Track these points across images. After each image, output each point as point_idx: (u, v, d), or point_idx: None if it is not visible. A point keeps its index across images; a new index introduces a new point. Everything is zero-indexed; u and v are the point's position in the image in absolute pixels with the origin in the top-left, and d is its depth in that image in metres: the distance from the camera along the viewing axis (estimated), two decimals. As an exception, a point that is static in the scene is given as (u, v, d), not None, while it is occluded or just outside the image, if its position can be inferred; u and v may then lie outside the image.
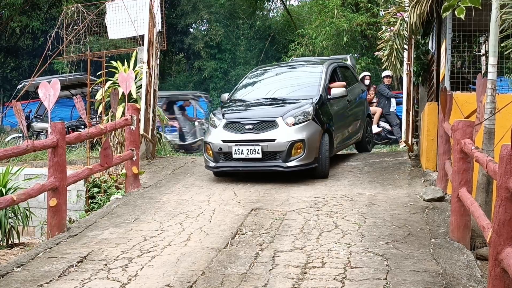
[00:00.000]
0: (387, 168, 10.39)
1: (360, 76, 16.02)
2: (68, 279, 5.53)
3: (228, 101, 10.46)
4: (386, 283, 5.11)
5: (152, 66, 11.25)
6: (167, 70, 25.85)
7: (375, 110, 15.24)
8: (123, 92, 9.90)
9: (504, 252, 4.10)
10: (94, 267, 5.84)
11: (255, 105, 9.94)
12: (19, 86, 16.81)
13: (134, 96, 11.13)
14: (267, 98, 10.06)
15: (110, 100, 8.81)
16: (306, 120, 9.16)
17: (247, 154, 8.97)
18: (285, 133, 8.99)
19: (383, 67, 9.95)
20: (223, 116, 9.56)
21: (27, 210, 8.38)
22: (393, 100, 15.40)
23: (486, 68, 7.10)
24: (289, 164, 8.96)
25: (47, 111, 17.40)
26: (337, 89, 10.16)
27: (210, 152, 9.35)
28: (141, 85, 11.21)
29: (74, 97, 7.99)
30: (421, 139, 10.30)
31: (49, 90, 7.50)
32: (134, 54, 11.77)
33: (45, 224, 8.10)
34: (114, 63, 11.58)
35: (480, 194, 6.90)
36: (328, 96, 10.02)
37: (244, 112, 9.73)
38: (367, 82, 15.72)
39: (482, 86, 6.31)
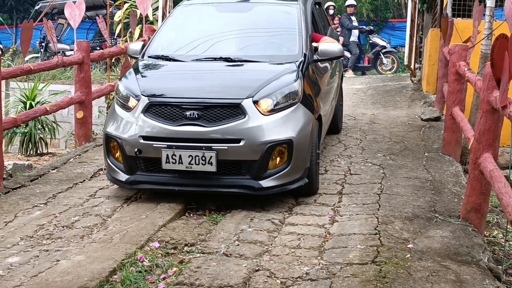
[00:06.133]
0: (390, 91, 10.98)
1: (325, 6, 16.43)
2: (99, 179, 6.23)
3: (146, 57, 6.18)
4: (380, 186, 5.80)
5: (168, -12, 11.66)
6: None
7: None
8: (140, 14, 10.39)
9: (482, 157, 4.73)
10: (121, 171, 6.53)
11: (197, 70, 5.94)
12: (37, 7, 17.24)
13: (151, 18, 11.62)
14: (216, 58, 5.95)
15: (130, 21, 9.32)
16: (292, 103, 5.36)
17: (189, 164, 5.11)
18: (258, 128, 5.15)
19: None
20: (141, 89, 5.45)
21: (54, 122, 9.06)
22: (355, 31, 15.92)
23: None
24: (264, 183, 5.16)
25: (63, 32, 18.00)
26: (328, 45, 6.09)
27: (119, 155, 5.42)
28: (157, 7, 11.66)
29: (97, 17, 8.50)
30: (423, 64, 10.83)
31: (74, 10, 8.02)
32: (150, -24, 12.15)
33: (71, 136, 8.81)
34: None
35: (474, 114, 7.51)
36: (315, 56, 6.11)
37: (180, 83, 5.73)
38: (331, 12, 16.26)
39: (478, 13, 6.81)
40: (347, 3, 16.52)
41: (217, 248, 4.35)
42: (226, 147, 5.12)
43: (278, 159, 5.22)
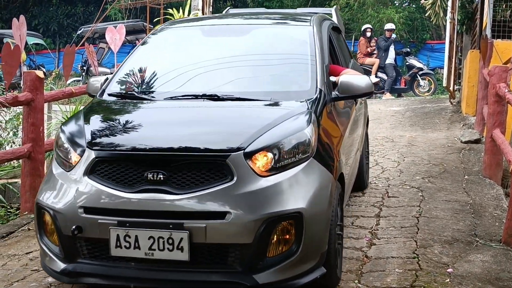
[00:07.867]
0: (429, 113, 10.88)
1: (362, 29, 16.61)
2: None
3: (105, 95, 4.52)
4: (419, 209, 5.73)
5: (205, 13, 11.85)
6: (215, 18, 26.27)
7: (374, 61, 15.82)
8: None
9: (524, 180, 4.66)
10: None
11: (170, 112, 4.28)
12: (79, 32, 17.70)
13: (189, 41, 11.78)
14: (197, 96, 4.26)
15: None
16: (301, 158, 3.69)
17: (149, 250, 3.50)
18: (252, 196, 3.50)
19: (426, 14, 10.27)
20: (87, 139, 3.81)
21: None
22: (391, 53, 15.90)
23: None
24: (260, 277, 3.48)
25: (104, 56, 18.41)
26: (352, 78, 4.46)
27: (55, 235, 3.75)
28: (195, 31, 11.85)
29: (137, 41, 8.68)
30: (463, 86, 10.71)
31: (115, 34, 8.20)
32: (188, 1, 12.37)
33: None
34: (170, 11, 12.23)
35: (515, 136, 7.41)
36: (334, 93, 4.46)
37: (141, 130, 4.01)
38: (368, 34, 16.31)
39: (519, 34, 6.74)
40: (386, 27, 16.53)
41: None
42: (204, 225, 3.43)
43: (283, 241, 3.52)
